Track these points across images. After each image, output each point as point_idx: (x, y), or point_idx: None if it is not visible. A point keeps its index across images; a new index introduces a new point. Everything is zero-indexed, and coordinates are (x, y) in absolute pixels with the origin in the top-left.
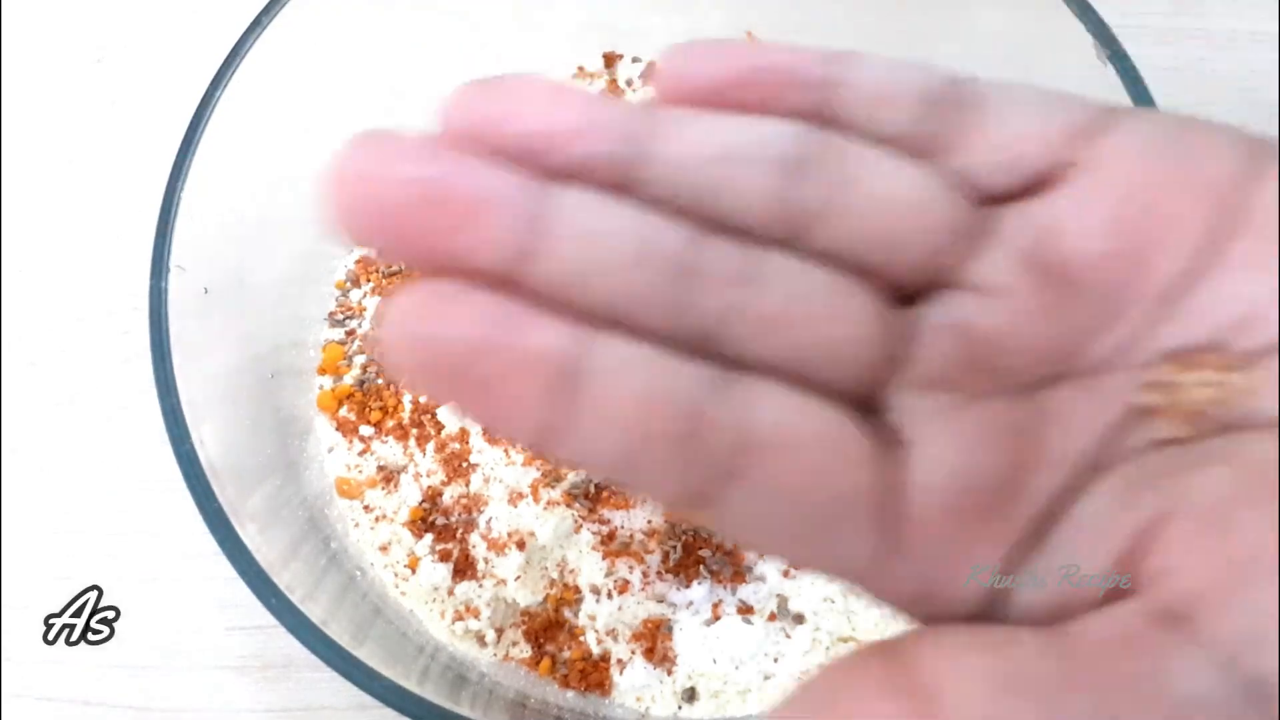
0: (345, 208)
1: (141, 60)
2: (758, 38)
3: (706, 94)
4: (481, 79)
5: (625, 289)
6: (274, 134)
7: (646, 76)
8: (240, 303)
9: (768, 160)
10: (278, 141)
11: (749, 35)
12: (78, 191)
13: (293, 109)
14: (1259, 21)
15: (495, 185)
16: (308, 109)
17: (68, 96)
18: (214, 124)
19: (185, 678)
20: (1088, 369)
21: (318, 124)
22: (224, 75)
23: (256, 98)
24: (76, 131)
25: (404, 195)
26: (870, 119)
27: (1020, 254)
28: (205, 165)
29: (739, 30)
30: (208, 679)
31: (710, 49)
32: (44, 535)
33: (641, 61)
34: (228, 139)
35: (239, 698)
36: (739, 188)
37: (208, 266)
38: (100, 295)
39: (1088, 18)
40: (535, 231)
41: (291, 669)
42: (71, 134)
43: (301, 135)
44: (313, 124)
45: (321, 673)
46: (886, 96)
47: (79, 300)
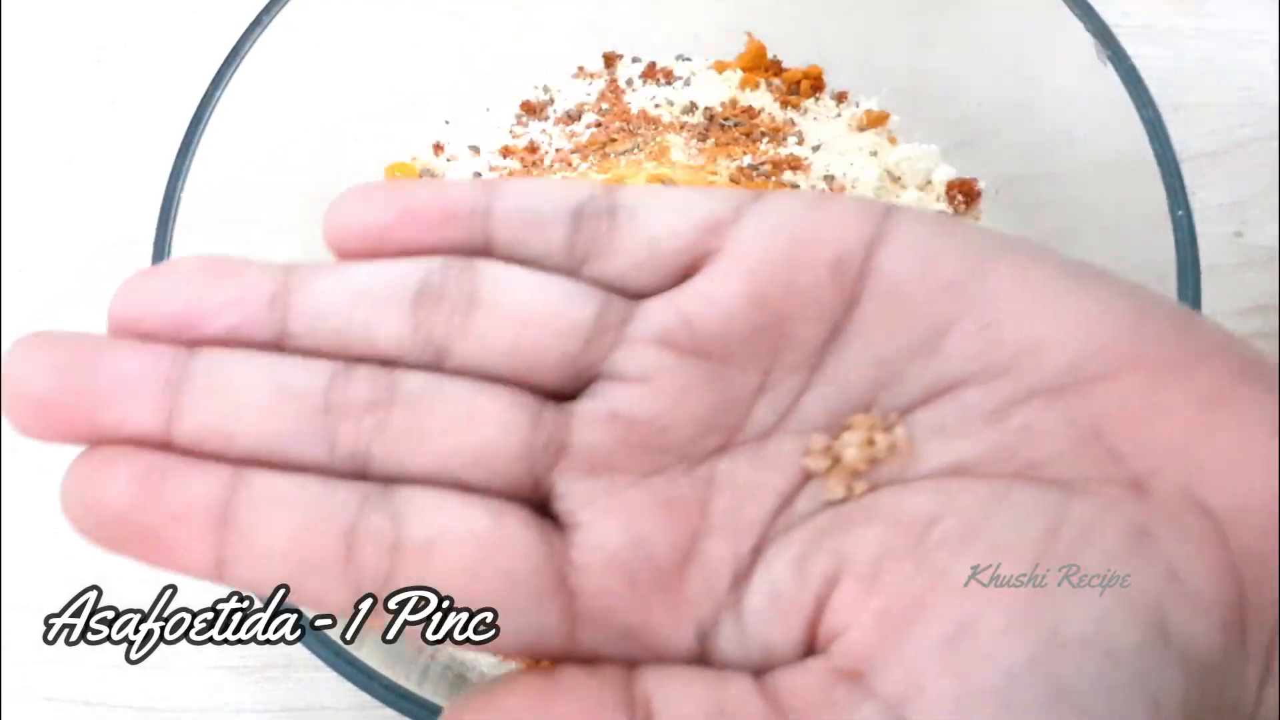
0: (9, 406)
1: (141, 60)
2: (757, 38)
3: (371, 240)
4: (143, 270)
5: (269, 430)
6: (274, 134)
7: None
8: None
9: (398, 295)
10: (278, 141)
11: (749, 36)
12: (78, 191)
13: (293, 109)
14: (1259, 21)
15: (132, 364)
16: (308, 109)
17: (68, 96)
18: (214, 124)
19: (185, 678)
20: (751, 438)
21: (318, 124)
22: (224, 75)
23: (256, 98)
24: (76, 131)
25: (49, 388)
26: (520, 240)
27: (661, 339)
28: (205, 165)
29: (739, 30)
30: (208, 679)
31: (365, 196)
32: (44, 535)
33: (641, 61)
34: (228, 139)
35: (239, 698)
36: (374, 324)
37: None
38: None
39: (1088, 18)
40: (176, 394)
41: (291, 669)
42: (71, 134)
43: (301, 135)
44: (313, 124)
45: (321, 673)
46: (535, 217)
47: (79, 300)
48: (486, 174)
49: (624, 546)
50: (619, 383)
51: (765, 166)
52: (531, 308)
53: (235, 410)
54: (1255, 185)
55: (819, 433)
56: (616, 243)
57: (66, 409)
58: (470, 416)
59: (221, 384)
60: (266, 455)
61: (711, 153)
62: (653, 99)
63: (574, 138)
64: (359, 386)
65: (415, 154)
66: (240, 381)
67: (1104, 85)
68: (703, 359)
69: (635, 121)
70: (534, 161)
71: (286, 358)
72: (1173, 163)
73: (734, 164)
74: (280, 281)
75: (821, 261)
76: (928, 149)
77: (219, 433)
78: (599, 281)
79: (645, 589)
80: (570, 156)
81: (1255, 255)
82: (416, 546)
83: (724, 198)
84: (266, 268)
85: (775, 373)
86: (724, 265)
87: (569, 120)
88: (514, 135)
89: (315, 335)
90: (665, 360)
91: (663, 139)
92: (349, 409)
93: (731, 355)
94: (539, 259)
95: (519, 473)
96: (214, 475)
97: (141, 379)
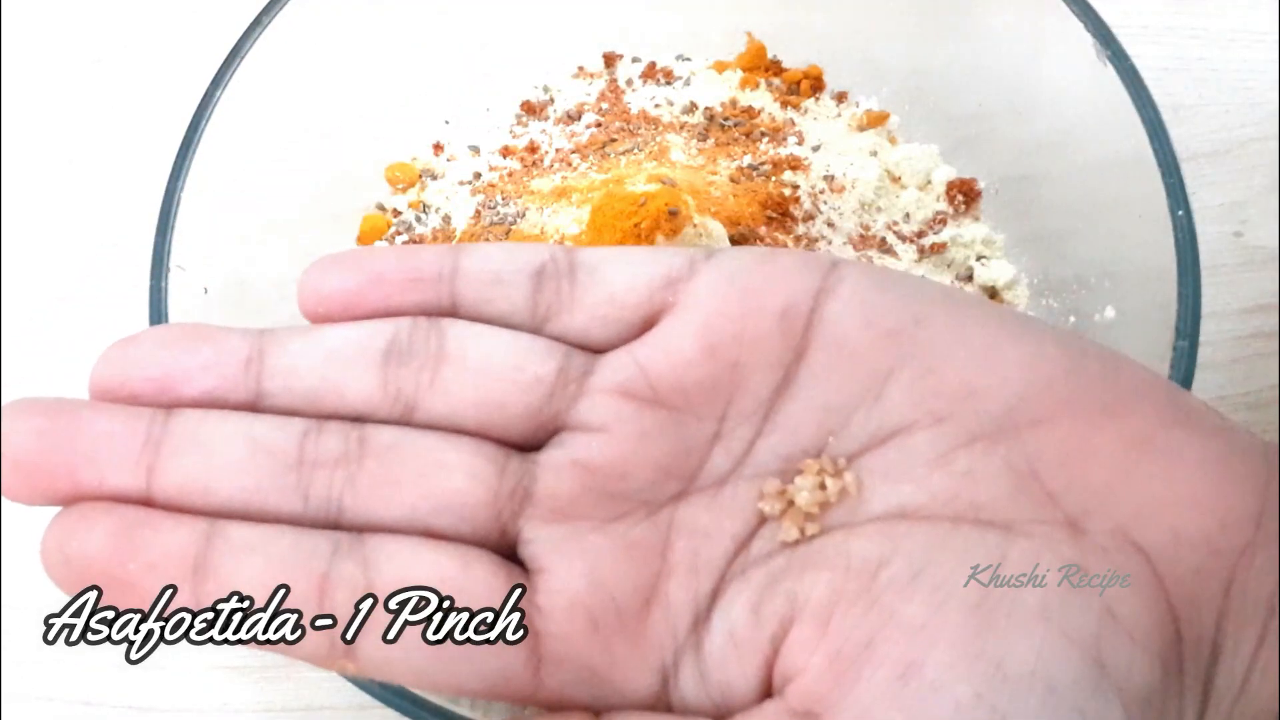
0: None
1: (141, 60)
2: (757, 38)
3: (342, 304)
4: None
5: (246, 485)
6: (274, 134)
7: (647, 75)
8: (240, 303)
9: (368, 354)
10: (278, 141)
11: (749, 36)
12: (78, 191)
13: (293, 109)
14: (1259, 21)
15: (112, 425)
16: (308, 109)
17: (67, 96)
18: (214, 124)
19: (185, 678)
20: (708, 485)
21: (318, 124)
22: (224, 75)
23: (256, 98)
24: (76, 131)
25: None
26: (485, 300)
27: (619, 391)
28: (205, 165)
29: (739, 30)
30: (208, 679)
31: (336, 263)
32: None
33: (641, 61)
34: (228, 139)
35: (239, 698)
36: (345, 382)
37: (208, 266)
38: (101, 295)
39: (1088, 18)
40: (155, 452)
41: (291, 669)
42: (71, 134)
43: (301, 135)
44: (313, 124)
45: (321, 673)
46: (498, 278)
47: (79, 300)
48: (486, 174)
49: (586, 590)
50: (581, 432)
51: (765, 166)
52: (496, 363)
53: (212, 466)
54: (1255, 185)
55: (773, 477)
56: (577, 300)
57: (49, 471)
58: (439, 466)
59: (199, 442)
60: (242, 508)
61: (711, 153)
62: (653, 99)
63: (574, 138)
64: (331, 441)
65: (415, 154)
66: (217, 439)
67: (1104, 85)
68: (660, 408)
69: (635, 121)
70: (534, 161)
71: (261, 416)
72: (1173, 163)
73: (734, 164)
74: (255, 345)
75: (770, 312)
76: (928, 149)
77: (196, 488)
78: (561, 337)
79: (608, 631)
80: (570, 156)
81: (1255, 255)
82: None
83: (678, 255)
84: (242, 332)
85: (729, 420)
86: (679, 318)
87: (569, 120)
88: (514, 135)
89: (289, 394)
90: (625, 409)
91: (663, 139)
92: (321, 462)
93: (688, 404)
94: (503, 318)
95: (486, 520)
96: (190, 526)
97: (122, 438)
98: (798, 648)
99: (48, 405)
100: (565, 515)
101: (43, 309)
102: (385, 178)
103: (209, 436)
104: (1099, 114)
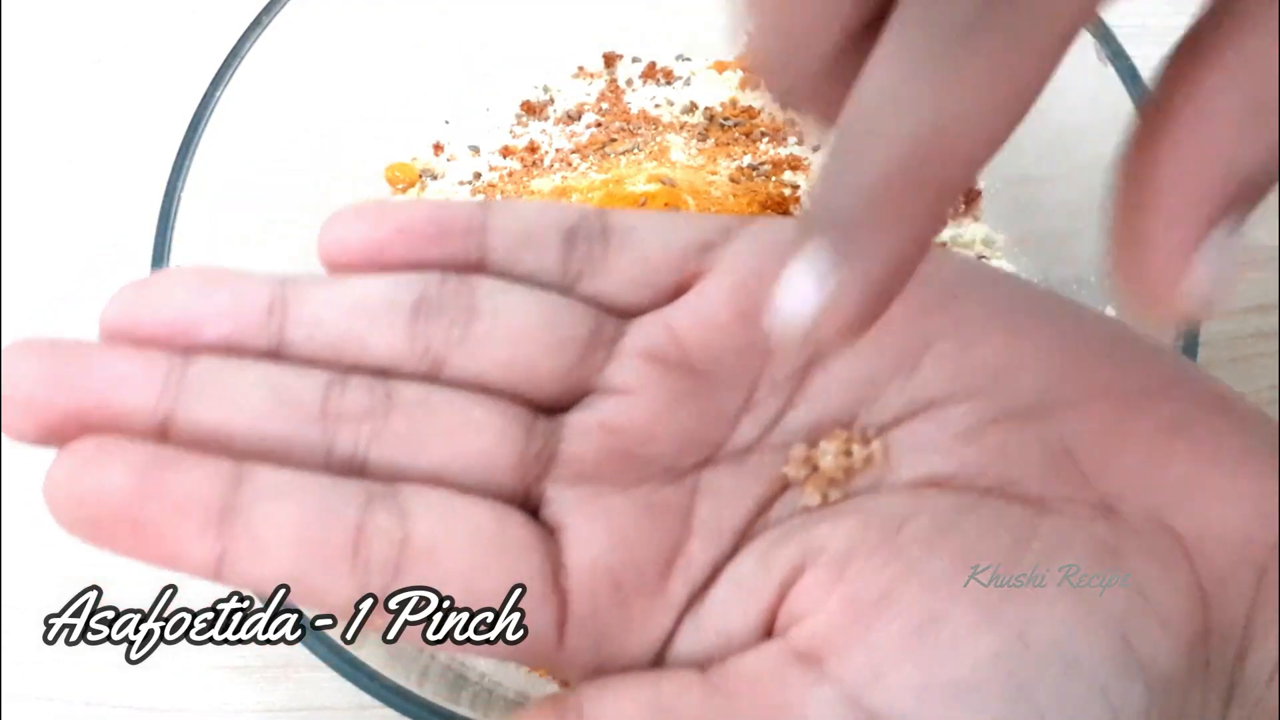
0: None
1: (141, 60)
2: None
3: (366, 255)
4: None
5: (268, 433)
6: (274, 134)
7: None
8: None
9: (396, 307)
10: (278, 141)
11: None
12: (78, 191)
13: (293, 109)
14: None
15: (128, 366)
16: (308, 109)
17: (67, 96)
18: (214, 124)
19: (185, 678)
20: (734, 450)
21: (318, 124)
22: (224, 75)
23: (256, 98)
24: (76, 131)
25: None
26: (515, 258)
27: (649, 354)
28: (205, 165)
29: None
30: (208, 679)
31: (361, 213)
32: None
33: (641, 62)
34: (227, 139)
35: (239, 698)
36: (370, 334)
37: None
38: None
39: None
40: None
41: (291, 669)
42: (71, 134)
43: (301, 135)
44: (313, 124)
45: (321, 673)
46: (529, 236)
47: (79, 300)
48: (486, 174)
49: (610, 549)
50: (609, 395)
51: (765, 166)
52: (529, 323)
53: (233, 413)
54: None
55: (799, 443)
56: (610, 262)
57: (58, 408)
58: (467, 425)
59: (219, 388)
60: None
61: (711, 153)
62: (653, 99)
63: (574, 138)
64: (357, 394)
65: (415, 154)
66: (238, 386)
67: (1104, 85)
68: (691, 373)
69: (635, 121)
70: (534, 161)
71: (284, 366)
72: None
73: (734, 164)
74: (277, 292)
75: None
76: None
77: (217, 434)
78: (591, 299)
79: (630, 591)
80: (570, 156)
81: (1255, 255)
82: (423, 543)
83: (713, 221)
84: (263, 278)
85: (760, 389)
86: (712, 284)
87: (569, 120)
88: (514, 135)
89: (313, 345)
90: (654, 373)
91: (663, 139)
92: (347, 416)
93: (719, 370)
94: (532, 276)
95: (513, 481)
96: (217, 468)
97: (138, 380)
98: (809, 591)
99: (55, 345)
100: (589, 477)
101: (43, 309)
102: (385, 178)
103: (230, 383)
104: (1099, 114)
